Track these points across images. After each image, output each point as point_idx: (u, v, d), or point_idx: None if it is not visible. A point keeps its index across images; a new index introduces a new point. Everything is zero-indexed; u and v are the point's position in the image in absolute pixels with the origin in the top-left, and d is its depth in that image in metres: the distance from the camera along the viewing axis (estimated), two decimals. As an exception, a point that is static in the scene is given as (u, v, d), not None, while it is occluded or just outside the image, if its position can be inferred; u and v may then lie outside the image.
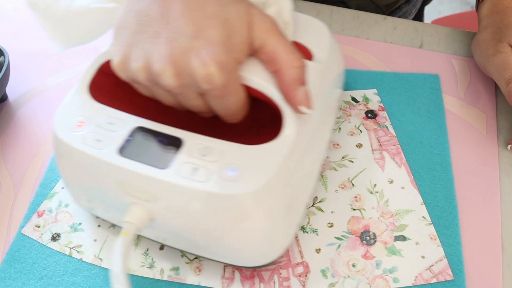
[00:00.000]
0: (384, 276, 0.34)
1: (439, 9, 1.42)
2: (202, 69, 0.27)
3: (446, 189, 0.38)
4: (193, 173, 0.28)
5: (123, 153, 0.30)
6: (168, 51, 0.27)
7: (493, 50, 0.41)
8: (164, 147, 0.30)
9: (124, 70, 0.29)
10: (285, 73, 0.29)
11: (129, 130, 0.31)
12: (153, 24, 0.28)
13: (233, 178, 0.28)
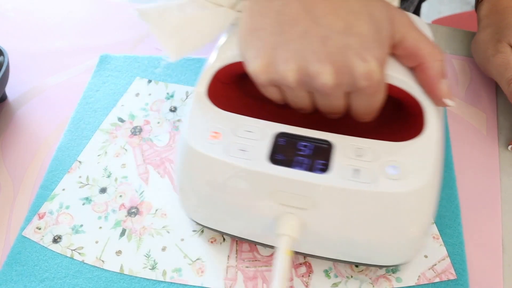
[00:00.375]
0: (387, 275, 0.34)
1: (439, 9, 1.42)
2: (363, 66, 0.26)
3: (448, 189, 0.38)
4: (356, 175, 0.27)
5: (275, 161, 0.28)
6: (324, 49, 0.27)
7: (493, 50, 0.41)
8: (314, 151, 0.29)
9: (269, 73, 0.28)
10: (429, 67, 0.29)
11: (272, 136, 0.29)
12: (297, 23, 0.27)
13: (397, 176, 0.27)
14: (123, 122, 0.44)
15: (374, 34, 0.27)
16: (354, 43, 0.27)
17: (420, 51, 0.29)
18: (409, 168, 0.28)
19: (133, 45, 0.50)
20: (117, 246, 0.36)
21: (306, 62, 0.27)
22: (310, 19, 0.27)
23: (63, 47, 0.50)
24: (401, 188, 0.27)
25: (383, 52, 0.28)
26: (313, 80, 0.27)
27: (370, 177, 0.28)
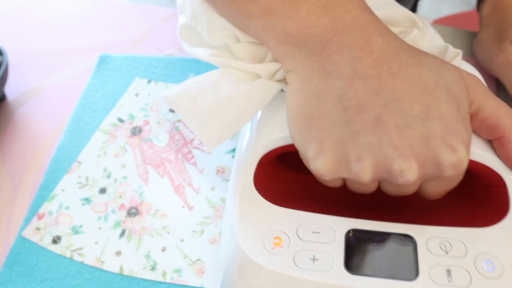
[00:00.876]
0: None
1: (440, 8, 1.42)
2: (453, 157, 0.23)
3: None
4: (450, 277, 0.24)
5: (353, 269, 0.24)
6: (405, 142, 0.23)
7: (496, 49, 0.41)
8: (394, 250, 0.25)
9: (338, 173, 0.24)
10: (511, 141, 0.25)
11: (343, 236, 0.25)
12: (367, 110, 0.23)
13: (495, 274, 0.24)
14: (122, 122, 0.44)
15: (456, 113, 0.24)
16: (437, 130, 0.23)
17: (500, 123, 0.25)
18: (506, 260, 0.24)
19: (132, 45, 0.50)
20: (117, 247, 0.36)
21: (385, 158, 0.23)
22: (381, 104, 0.23)
23: (63, 47, 0.50)
24: None
25: (469, 132, 0.24)
26: (394, 178, 0.23)
27: (465, 278, 0.24)
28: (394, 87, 0.23)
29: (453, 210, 0.28)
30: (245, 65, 0.29)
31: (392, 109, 0.23)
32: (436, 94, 0.24)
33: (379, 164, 0.23)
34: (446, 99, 0.24)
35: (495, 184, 0.27)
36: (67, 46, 0.51)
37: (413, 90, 0.23)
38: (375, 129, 0.23)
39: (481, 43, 0.43)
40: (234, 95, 0.28)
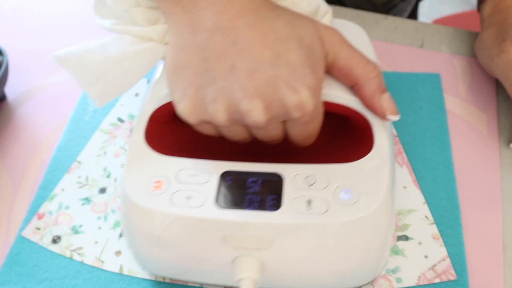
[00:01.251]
0: (387, 276, 0.34)
1: (440, 8, 1.42)
2: (295, 97, 0.25)
3: (448, 189, 0.38)
4: (310, 207, 0.26)
5: (221, 204, 0.27)
6: (252, 84, 0.25)
7: (497, 49, 0.40)
8: (263, 187, 0.27)
9: (198, 114, 0.27)
10: (364, 86, 0.28)
11: (217, 177, 0.28)
12: (223, 58, 0.26)
13: (351, 201, 0.26)
14: (122, 122, 0.44)
15: (304, 60, 0.26)
16: (283, 74, 0.25)
17: (352, 71, 0.28)
18: (362, 190, 0.27)
19: (132, 45, 0.50)
20: (116, 247, 0.36)
21: (234, 100, 0.26)
22: (235, 52, 0.26)
23: (63, 47, 0.50)
24: (355, 214, 0.26)
25: (316, 77, 0.26)
26: (244, 118, 0.26)
27: (323, 206, 0.26)
28: (248, 37, 0.26)
29: (326, 152, 0.31)
30: (139, 29, 0.32)
31: (244, 57, 0.25)
32: (287, 43, 0.26)
33: (230, 105, 0.26)
34: (296, 47, 0.26)
35: (363, 126, 0.29)
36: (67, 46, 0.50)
37: (266, 39, 0.26)
38: (229, 74, 0.26)
39: (482, 43, 0.43)
40: (121, 56, 0.30)
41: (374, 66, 0.28)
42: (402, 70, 0.46)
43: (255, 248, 0.27)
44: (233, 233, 0.27)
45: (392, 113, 0.28)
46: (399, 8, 0.62)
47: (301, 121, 0.27)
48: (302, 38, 0.27)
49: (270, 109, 0.26)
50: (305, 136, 0.29)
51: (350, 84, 0.29)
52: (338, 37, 0.28)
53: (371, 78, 0.28)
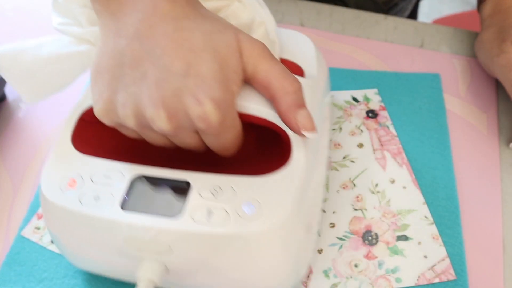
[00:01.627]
0: (387, 276, 0.34)
1: (440, 8, 1.42)
2: (197, 109, 0.25)
3: (447, 189, 0.38)
4: (209, 217, 0.26)
5: (126, 207, 0.27)
6: (159, 93, 0.26)
7: (497, 50, 0.40)
8: (171, 193, 0.28)
9: (110, 117, 0.28)
10: (280, 101, 0.28)
11: (128, 180, 0.28)
12: (137, 64, 0.26)
13: (252, 216, 0.26)
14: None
15: (216, 73, 0.26)
16: (191, 85, 0.26)
17: (270, 84, 0.28)
18: (267, 204, 0.27)
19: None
20: (116, 246, 0.36)
21: (141, 106, 0.26)
22: (149, 60, 0.26)
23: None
24: (253, 228, 0.26)
25: (225, 91, 0.26)
26: (151, 125, 0.26)
27: (222, 218, 0.26)
28: (163, 47, 0.26)
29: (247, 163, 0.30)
30: (78, 30, 0.32)
31: (156, 65, 0.26)
32: (200, 55, 0.26)
33: (138, 112, 0.26)
34: (209, 59, 0.26)
35: (284, 139, 0.29)
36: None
37: (180, 49, 0.26)
38: (141, 82, 0.26)
39: (482, 43, 0.43)
40: (53, 57, 0.31)
41: (292, 81, 0.28)
42: (402, 70, 0.46)
43: (155, 252, 0.27)
44: (134, 236, 0.27)
45: (307, 130, 0.28)
46: (400, 7, 0.62)
47: (209, 132, 0.27)
48: (218, 50, 0.27)
49: (175, 118, 0.26)
50: (222, 147, 0.29)
51: (269, 97, 0.28)
52: (260, 50, 0.28)
53: (287, 92, 0.28)
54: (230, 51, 0.27)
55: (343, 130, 0.42)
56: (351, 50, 0.48)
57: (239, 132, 0.29)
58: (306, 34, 0.40)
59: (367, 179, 0.39)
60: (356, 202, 0.38)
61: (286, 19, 0.51)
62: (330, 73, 0.46)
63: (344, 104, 0.44)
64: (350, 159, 0.40)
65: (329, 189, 0.38)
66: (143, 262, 0.28)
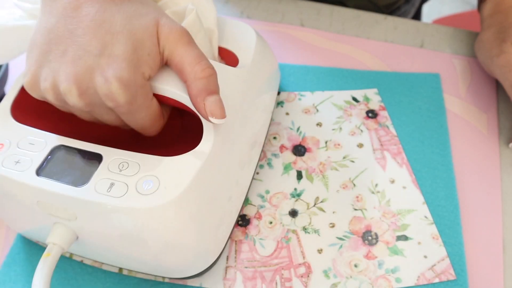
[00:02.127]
0: (387, 276, 0.34)
1: (440, 9, 1.42)
2: (104, 87, 0.27)
3: (447, 189, 0.38)
4: (110, 189, 0.28)
5: (41, 173, 0.29)
6: (73, 70, 0.27)
7: (497, 50, 0.40)
8: (84, 165, 0.29)
9: (35, 90, 0.29)
10: (191, 85, 0.29)
11: (49, 149, 0.30)
12: (60, 42, 0.28)
13: (149, 191, 0.28)
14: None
15: (127, 54, 0.27)
16: (103, 64, 0.27)
17: (183, 69, 0.29)
18: (166, 183, 0.28)
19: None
20: (116, 247, 0.36)
21: (57, 82, 0.28)
22: (70, 39, 0.28)
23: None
24: (146, 204, 0.28)
25: (135, 72, 0.27)
26: (65, 99, 0.28)
27: (122, 191, 0.28)
28: (84, 27, 0.28)
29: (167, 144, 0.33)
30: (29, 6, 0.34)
31: (76, 44, 0.28)
32: (117, 36, 0.28)
33: (55, 86, 0.28)
34: (124, 42, 0.28)
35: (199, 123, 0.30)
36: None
37: (98, 30, 0.28)
38: (61, 58, 0.28)
39: (482, 43, 0.43)
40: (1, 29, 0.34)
41: (206, 67, 0.29)
42: (402, 70, 0.46)
43: (64, 218, 0.29)
44: (45, 201, 0.29)
45: (215, 116, 0.29)
46: (402, 10, 0.62)
47: (119, 111, 0.28)
48: (134, 33, 0.28)
49: (86, 95, 0.28)
50: (139, 126, 0.30)
51: (183, 81, 0.29)
52: (177, 35, 0.29)
53: (199, 78, 0.28)
54: (146, 34, 0.28)
55: (343, 130, 0.42)
56: (351, 50, 0.48)
57: (155, 113, 0.30)
58: (306, 34, 0.40)
59: (367, 179, 0.39)
60: (356, 202, 0.38)
61: (286, 19, 0.51)
62: (330, 73, 0.46)
63: (344, 104, 0.44)
64: (350, 159, 0.40)
65: (329, 188, 0.38)
66: (54, 227, 0.30)
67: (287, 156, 0.40)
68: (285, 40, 0.48)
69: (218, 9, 0.51)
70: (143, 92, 0.28)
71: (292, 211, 0.37)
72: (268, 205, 0.38)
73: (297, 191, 0.38)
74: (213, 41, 0.36)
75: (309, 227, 0.37)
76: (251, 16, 0.51)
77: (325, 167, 0.40)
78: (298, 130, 0.42)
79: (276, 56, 0.47)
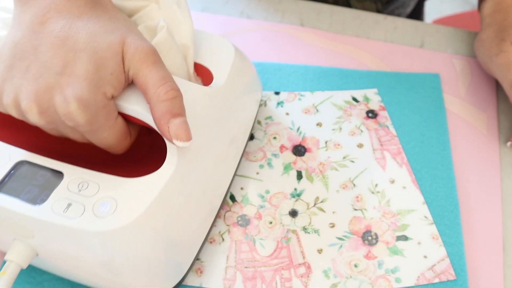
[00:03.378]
0: (386, 276, 0.34)
1: (440, 8, 1.42)
2: (63, 107, 0.26)
3: (447, 189, 0.38)
4: (67, 209, 0.28)
5: (1, 189, 0.29)
6: (34, 88, 0.27)
7: (496, 49, 0.40)
8: (44, 182, 0.29)
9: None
10: (154, 108, 0.28)
11: (11, 164, 0.30)
12: (25, 58, 0.28)
13: (106, 214, 0.27)
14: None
15: (88, 73, 0.27)
16: (63, 83, 0.27)
17: (146, 90, 0.28)
18: (124, 206, 0.28)
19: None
20: (116, 247, 0.36)
21: (18, 99, 0.27)
22: (34, 55, 0.27)
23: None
24: (99, 227, 0.27)
25: (96, 92, 0.27)
26: (26, 117, 0.28)
27: (78, 212, 0.28)
28: (47, 44, 0.27)
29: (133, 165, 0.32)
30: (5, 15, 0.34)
31: (38, 60, 0.27)
32: (79, 55, 0.27)
33: (16, 103, 0.28)
34: (86, 60, 0.27)
35: None
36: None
37: (61, 47, 0.27)
38: (24, 75, 0.27)
39: (482, 42, 0.43)
40: None
41: (170, 89, 0.28)
42: (402, 70, 0.46)
43: (23, 235, 0.29)
44: (5, 218, 0.29)
45: (179, 139, 0.28)
46: (401, 1, 0.62)
47: (81, 130, 0.28)
48: (97, 51, 0.27)
49: (46, 113, 0.27)
50: (103, 144, 0.30)
51: (147, 102, 0.29)
52: (143, 54, 0.28)
53: (162, 100, 0.28)
54: (110, 53, 0.28)
55: (342, 130, 0.42)
56: (351, 50, 0.48)
57: (119, 132, 0.29)
58: (306, 34, 0.40)
59: (367, 179, 0.39)
60: (356, 202, 0.38)
61: (286, 19, 0.51)
62: (330, 73, 0.46)
63: (344, 104, 0.44)
64: (350, 159, 0.40)
65: (329, 189, 0.38)
66: (13, 244, 0.29)
67: (287, 156, 0.40)
68: (285, 40, 0.48)
69: (218, 9, 0.51)
70: (105, 112, 0.28)
71: (292, 211, 0.37)
72: (268, 205, 0.38)
73: (297, 191, 0.38)
74: (188, 57, 0.35)
75: (309, 227, 0.37)
76: (251, 16, 0.51)
77: (325, 167, 0.40)
78: (298, 130, 0.42)
79: (276, 56, 0.47)
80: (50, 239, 0.29)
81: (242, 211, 0.37)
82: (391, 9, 0.61)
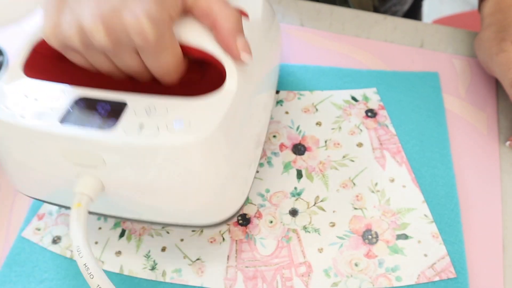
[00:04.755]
0: (387, 274, 0.34)
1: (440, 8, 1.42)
2: (135, 24, 0.27)
3: (447, 187, 0.38)
4: (140, 130, 0.28)
5: (65, 121, 0.29)
6: (99, 10, 0.27)
7: (497, 48, 0.40)
8: (108, 112, 0.29)
9: (57, 37, 0.29)
10: (222, 25, 0.29)
11: (69, 100, 0.30)
12: None
13: (181, 130, 0.28)
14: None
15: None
16: (129, 3, 0.27)
17: (212, 11, 0.29)
18: (196, 122, 0.28)
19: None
20: (116, 247, 0.36)
21: (82, 23, 0.28)
22: None
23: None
24: (180, 141, 0.27)
25: (162, 11, 0.28)
26: (91, 39, 0.28)
27: (152, 131, 0.28)
28: None
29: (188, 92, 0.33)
30: None
31: None
32: None
33: (80, 29, 0.28)
34: None
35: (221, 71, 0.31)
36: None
37: None
38: (84, 2, 0.28)
39: (482, 42, 0.43)
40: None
41: (233, 9, 0.30)
42: (401, 70, 0.46)
43: (91, 165, 0.29)
44: (70, 149, 0.29)
45: (246, 53, 0.30)
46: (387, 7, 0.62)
47: (147, 50, 0.28)
48: None
49: (113, 33, 0.28)
50: (162, 70, 0.30)
51: (210, 24, 0.30)
52: None
53: (229, 19, 0.30)
54: None
55: (342, 130, 0.42)
56: (350, 50, 0.48)
57: (178, 55, 0.30)
58: (306, 34, 0.40)
59: (367, 178, 0.39)
60: (356, 201, 0.38)
61: (286, 19, 0.51)
62: (329, 73, 0.46)
63: (343, 103, 0.44)
64: (350, 158, 0.40)
65: (329, 188, 0.39)
66: (80, 177, 0.29)
67: (287, 155, 0.40)
68: (285, 40, 0.49)
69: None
70: (169, 32, 0.29)
71: (292, 210, 0.37)
72: (269, 204, 0.38)
73: (297, 190, 0.38)
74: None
75: (310, 226, 0.37)
76: (250, 16, 0.51)
77: (325, 166, 0.40)
78: (297, 129, 0.42)
79: (276, 56, 0.47)
80: (122, 163, 0.28)
81: (242, 210, 0.37)
82: (388, 6, 0.61)
